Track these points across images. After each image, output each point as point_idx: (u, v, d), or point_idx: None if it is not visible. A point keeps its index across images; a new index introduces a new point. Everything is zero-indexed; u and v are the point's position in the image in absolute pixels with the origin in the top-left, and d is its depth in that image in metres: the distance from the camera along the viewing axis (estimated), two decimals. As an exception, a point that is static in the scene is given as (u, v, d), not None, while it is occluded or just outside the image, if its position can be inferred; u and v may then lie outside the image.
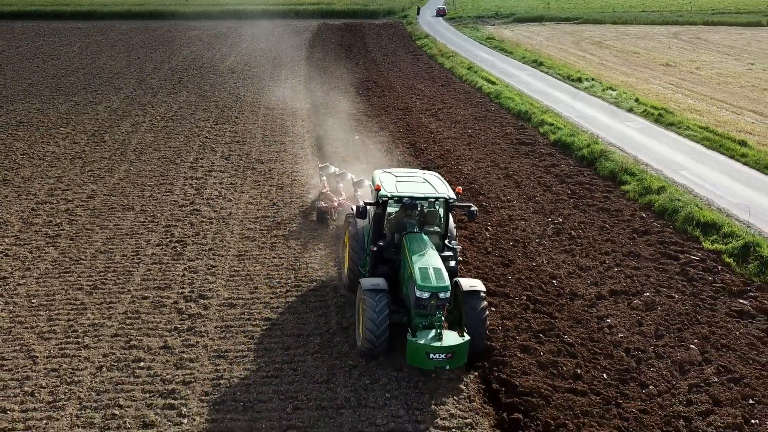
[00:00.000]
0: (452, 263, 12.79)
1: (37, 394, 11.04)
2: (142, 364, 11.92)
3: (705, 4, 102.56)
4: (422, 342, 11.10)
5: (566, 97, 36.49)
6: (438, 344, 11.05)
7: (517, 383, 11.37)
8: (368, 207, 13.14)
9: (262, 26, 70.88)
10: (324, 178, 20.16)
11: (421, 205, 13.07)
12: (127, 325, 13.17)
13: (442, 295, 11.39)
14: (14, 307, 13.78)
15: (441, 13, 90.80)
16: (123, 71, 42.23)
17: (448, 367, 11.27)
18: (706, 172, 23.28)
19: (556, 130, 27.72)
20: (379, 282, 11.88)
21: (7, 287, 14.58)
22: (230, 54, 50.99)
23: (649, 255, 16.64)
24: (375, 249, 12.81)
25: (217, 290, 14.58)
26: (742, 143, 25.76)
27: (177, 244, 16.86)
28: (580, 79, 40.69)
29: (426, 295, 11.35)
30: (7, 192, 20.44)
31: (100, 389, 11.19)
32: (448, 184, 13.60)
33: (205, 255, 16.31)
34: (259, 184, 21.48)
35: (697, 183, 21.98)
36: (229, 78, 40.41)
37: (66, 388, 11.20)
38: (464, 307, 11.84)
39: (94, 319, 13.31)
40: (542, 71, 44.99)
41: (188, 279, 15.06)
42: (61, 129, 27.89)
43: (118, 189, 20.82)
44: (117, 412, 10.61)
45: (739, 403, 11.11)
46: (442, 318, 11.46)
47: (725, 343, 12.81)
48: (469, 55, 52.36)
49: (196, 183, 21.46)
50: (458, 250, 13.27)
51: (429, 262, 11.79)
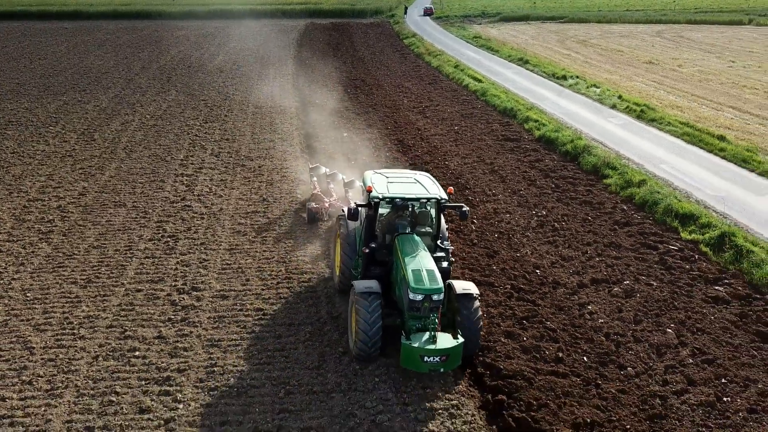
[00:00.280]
0: (445, 264, 12.71)
1: (35, 383, 11.31)
2: (137, 353, 12.23)
3: (688, 4, 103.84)
4: (416, 345, 10.98)
5: (551, 94, 37.08)
6: (432, 347, 10.95)
7: (501, 367, 11.81)
8: (360, 208, 13.03)
9: (249, 26, 71.01)
10: (314, 179, 20.02)
11: (413, 206, 12.98)
12: (121, 316, 13.46)
13: (435, 297, 11.29)
14: (9, 300, 14.02)
15: (428, 13, 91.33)
16: (111, 71, 42.29)
17: (442, 370, 11.24)
18: (685, 165, 23.91)
19: (541, 126, 28.25)
20: (372, 285, 11.77)
21: (1, 282, 14.81)
22: (218, 53, 51.12)
23: (630, 245, 17.18)
24: (367, 251, 12.74)
25: (210, 283, 14.91)
26: (721, 138, 26.44)
27: (169, 239, 17.15)
28: (564, 77, 41.31)
29: (419, 297, 11.25)
30: (-2, 190, 20.63)
31: (97, 377, 11.49)
32: (438, 182, 13.70)
33: (197, 249, 16.62)
34: (249, 181, 21.79)
35: (677, 176, 22.60)
36: (217, 77, 40.60)
37: (63, 376, 11.49)
38: (458, 310, 11.77)
39: (88, 312, 13.59)
40: (528, 69, 45.59)
41: (181, 272, 15.37)
42: (51, 128, 28.01)
43: (109, 186, 21.05)
44: (114, 399, 10.92)
45: (712, 383, 11.64)
46: (436, 320, 11.35)
47: (700, 327, 13.35)
48: (456, 53, 52.87)
49: (186, 180, 21.74)
50: (450, 250, 13.19)
51: (422, 264, 11.70)
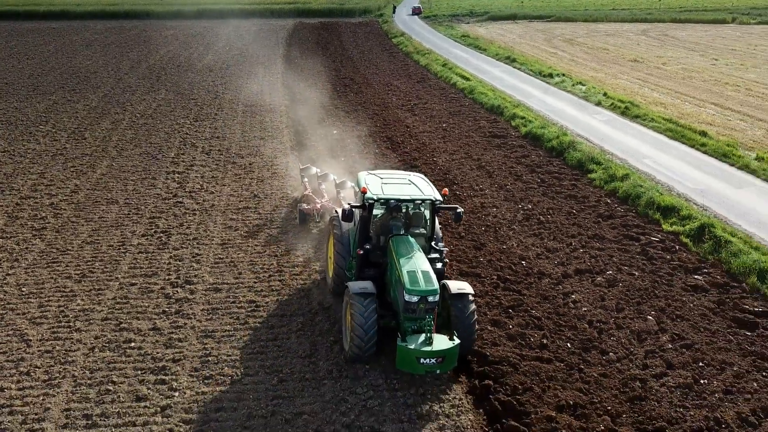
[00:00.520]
0: (439, 265, 12.71)
1: (32, 374, 11.56)
2: (132, 344, 12.51)
3: (673, 3, 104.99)
4: (412, 347, 10.93)
5: (537, 91, 37.59)
6: (428, 349, 10.91)
7: (488, 353, 12.20)
8: (354, 210, 12.95)
9: (238, 25, 71.09)
10: (305, 180, 19.78)
11: (407, 207, 12.95)
12: (116, 309, 13.72)
13: (431, 298, 11.25)
14: (4, 295, 14.22)
15: (416, 12, 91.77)
16: (100, 70, 42.31)
17: (438, 372, 11.21)
18: (667, 160, 24.45)
19: (527, 123, 28.72)
20: (367, 286, 11.75)
21: (-4, 277, 15.03)
22: (207, 53, 51.21)
23: (613, 237, 17.65)
24: (361, 252, 12.70)
25: (203, 276, 15.19)
26: (703, 134, 27.03)
27: (162, 235, 17.40)
28: (551, 75, 41.85)
29: (415, 298, 11.20)
30: (-10, 188, 20.75)
31: (94, 368, 11.76)
32: (430, 180, 13.81)
33: (189, 244, 16.89)
34: (240, 177, 22.06)
35: (659, 170, 23.13)
36: (207, 76, 40.75)
37: (60, 367, 11.75)
38: (453, 310, 11.74)
39: (83, 305, 13.84)
40: (515, 67, 46.11)
41: (174, 266, 15.64)
42: (41, 127, 28.10)
43: (101, 183, 21.25)
44: (111, 388, 11.20)
45: (690, 366, 12.10)
46: (432, 322, 11.28)
47: (680, 314, 13.82)
48: (444, 52, 53.30)
49: (178, 177, 21.97)
50: (445, 252, 13.19)
51: (417, 265, 11.65)
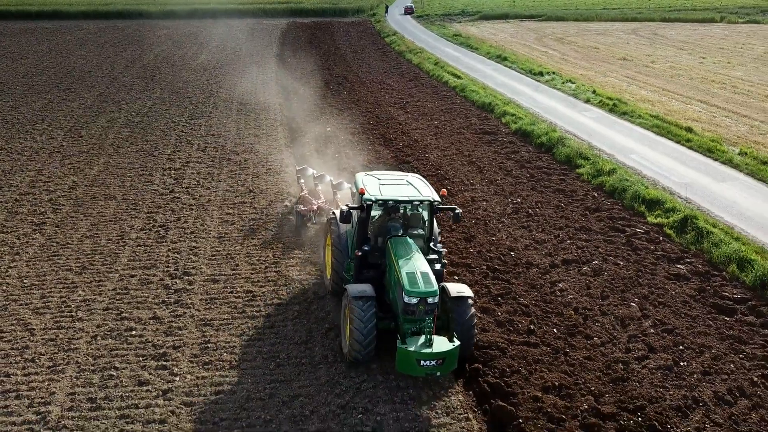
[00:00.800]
0: (437, 266, 12.68)
1: (37, 361, 11.96)
2: (133, 332, 12.92)
3: (663, 2, 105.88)
4: (412, 349, 10.88)
5: (528, 89, 38.16)
6: (428, 351, 10.87)
7: (477, 339, 12.67)
8: (352, 211, 12.87)
9: (231, 25, 71.31)
10: (302, 181, 19.60)
11: (405, 208, 12.92)
12: (117, 300, 14.13)
13: (430, 300, 11.21)
14: (7, 287, 14.59)
15: (409, 11, 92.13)
16: (94, 69, 42.55)
17: (438, 374, 11.10)
18: (654, 155, 25.04)
19: (518, 119, 29.25)
20: (366, 288, 11.74)
21: (-2, 270, 15.39)
22: (201, 52, 51.50)
23: (599, 229, 18.19)
24: (360, 254, 12.67)
25: (201, 268, 15.60)
26: (689, 129, 27.65)
27: (160, 229, 17.80)
28: (541, 73, 42.43)
29: (414, 300, 11.17)
30: (-11, 185, 21.08)
31: (96, 354, 12.17)
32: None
33: (187, 238, 17.29)
34: (235, 174, 22.46)
35: (645, 165, 23.71)
36: (201, 75, 41.08)
37: (64, 354, 12.15)
38: (452, 312, 11.75)
39: (85, 296, 14.23)
40: (506, 66, 46.67)
41: (172, 259, 16.05)
42: (37, 125, 28.39)
43: (98, 180, 21.60)
44: (114, 374, 11.61)
45: (670, 349, 12.63)
46: (432, 324, 11.27)
47: (662, 301, 14.36)
48: (436, 51, 53.81)
49: (174, 173, 22.35)
50: (443, 252, 13.15)
51: (416, 267, 11.61)
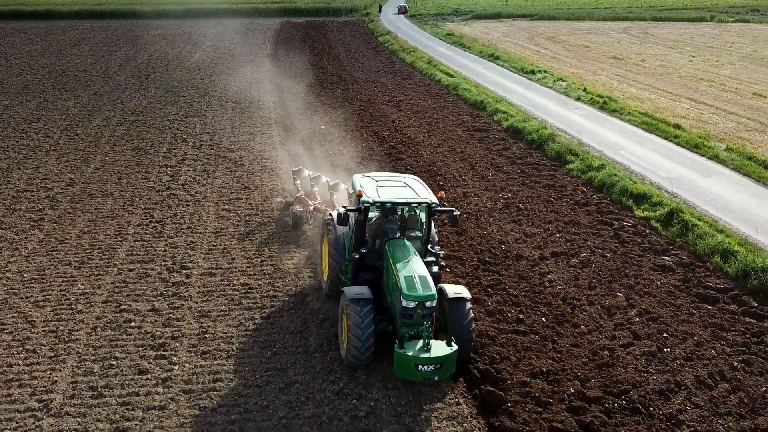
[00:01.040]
0: (435, 269, 12.54)
1: (38, 351, 12.24)
2: (133, 324, 13.22)
3: (654, 1, 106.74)
4: (410, 354, 10.77)
5: (519, 87, 38.60)
6: (427, 355, 10.75)
7: (468, 328, 13.04)
8: (349, 213, 12.71)
9: (225, 25, 71.52)
10: (297, 183, 19.55)
11: (402, 210, 12.80)
12: (116, 292, 14.42)
13: (428, 303, 11.10)
14: (7, 281, 14.86)
15: (402, 11, 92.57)
16: (89, 69, 42.72)
17: (436, 378, 11.04)
18: (642, 151, 25.50)
19: (509, 117, 29.67)
20: (364, 291, 11.63)
21: (-2, 265, 15.65)
22: (195, 51, 51.70)
23: (588, 223, 18.61)
24: (357, 256, 12.54)
25: (198, 262, 15.91)
26: (677, 126, 28.14)
27: (157, 224, 18.09)
28: (533, 72, 42.89)
29: (412, 304, 11.06)
30: (-14, 182, 21.30)
31: (97, 345, 12.46)
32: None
33: (183, 233, 17.59)
34: (231, 170, 22.77)
35: (633, 161, 24.17)
36: (195, 74, 41.31)
37: (65, 345, 12.44)
38: (450, 314, 11.64)
39: (84, 289, 14.52)
40: (498, 65, 47.13)
41: (170, 253, 16.35)
42: (33, 124, 28.59)
43: (95, 177, 21.86)
44: (114, 363, 11.91)
45: (654, 337, 13.04)
46: (430, 328, 11.20)
47: (647, 291, 14.78)
48: (429, 50, 54.21)
49: (170, 170, 22.63)
50: (441, 255, 13.02)
51: (414, 270, 11.48)
